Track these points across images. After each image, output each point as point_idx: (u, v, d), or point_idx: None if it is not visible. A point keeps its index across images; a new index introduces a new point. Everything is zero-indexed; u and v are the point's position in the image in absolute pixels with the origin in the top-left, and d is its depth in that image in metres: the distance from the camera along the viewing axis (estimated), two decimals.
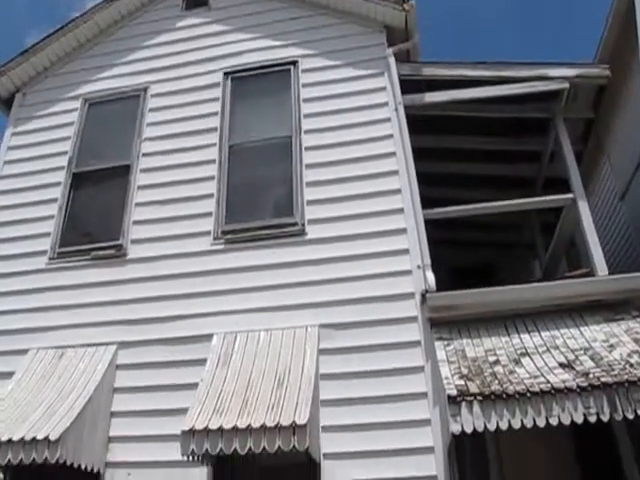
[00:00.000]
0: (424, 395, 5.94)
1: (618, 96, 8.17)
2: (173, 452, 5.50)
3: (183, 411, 5.63)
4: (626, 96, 8.09)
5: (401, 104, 7.42)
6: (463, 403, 5.03)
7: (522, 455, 5.91)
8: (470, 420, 4.97)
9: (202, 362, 6.22)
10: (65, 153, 8.16)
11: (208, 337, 6.48)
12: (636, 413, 4.91)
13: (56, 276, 7.33)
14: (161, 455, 6.08)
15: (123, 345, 6.77)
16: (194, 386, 5.95)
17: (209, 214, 7.20)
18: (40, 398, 6.28)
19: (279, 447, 5.12)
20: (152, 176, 7.69)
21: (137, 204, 7.55)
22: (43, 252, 7.51)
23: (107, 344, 6.80)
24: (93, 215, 7.86)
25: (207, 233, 7.10)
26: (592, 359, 5.49)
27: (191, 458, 5.41)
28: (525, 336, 6.03)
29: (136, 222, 7.43)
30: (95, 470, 6.16)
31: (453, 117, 8.34)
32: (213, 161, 7.56)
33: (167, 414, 6.18)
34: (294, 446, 5.11)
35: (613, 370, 5.22)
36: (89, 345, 6.83)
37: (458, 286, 6.36)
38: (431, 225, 6.88)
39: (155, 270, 7.05)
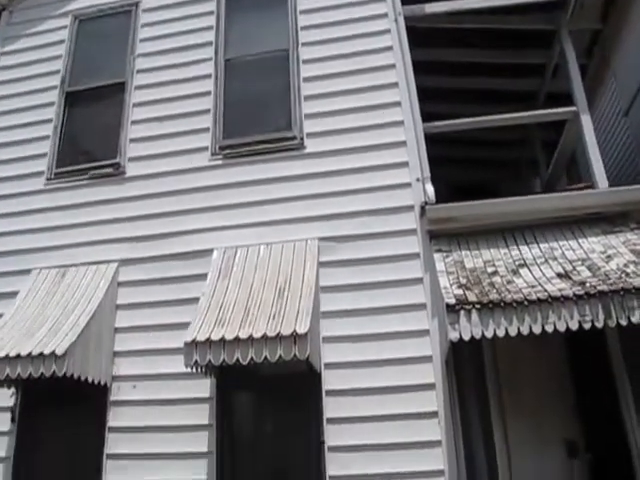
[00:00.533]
0: (423, 306, 6.04)
1: (629, 6, 7.91)
2: (177, 365, 5.64)
3: (185, 325, 5.72)
4: (637, 7, 7.84)
5: (401, 15, 7.23)
6: (461, 312, 5.09)
7: (517, 364, 6.01)
8: (468, 328, 5.04)
9: (203, 277, 6.28)
10: (57, 72, 7.98)
11: (208, 252, 6.52)
12: (629, 320, 4.99)
13: (55, 196, 7.31)
14: (165, 368, 6.23)
15: (124, 262, 6.81)
16: (196, 301, 6.03)
17: (206, 130, 7.12)
18: (45, 316, 6.37)
19: (280, 356, 5.23)
20: (147, 93, 7.55)
21: (133, 122, 7.44)
22: (40, 173, 7.46)
23: (108, 262, 6.84)
24: (89, 134, 7.75)
25: (205, 149, 7.04)
26: (589, 269, 5.54)
27: (194, 369, 5.53)
28: (524, 248, 6.06)
29: (133, 140, 7.35)
30: (102, 383, 6.32)
31: (454, 29, 8.12)
32: (209, 76, 7.42)
33: (170, 328, 6.28)
34: (295, 355, 5.21)
35: (609, 279, 5.27)
36: (91, 263, 6.88)
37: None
38: (431, 143, 6.80)
39: (154, 187, 7.02)
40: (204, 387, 6.14)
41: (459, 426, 5.81)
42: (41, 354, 5.71)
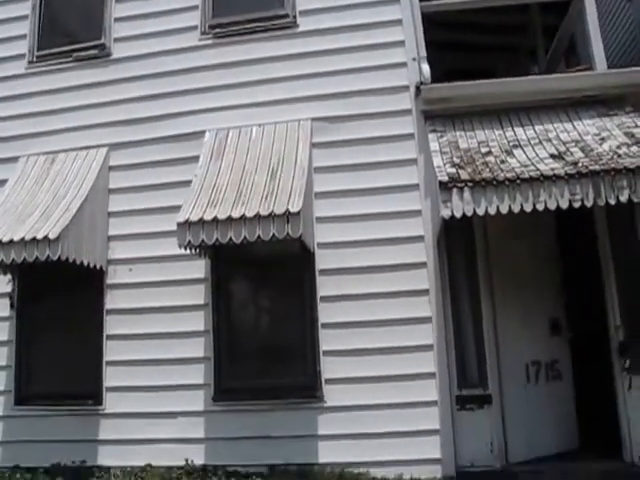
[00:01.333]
0: (416, 187, 6.09)
1: None
2: (172, 247, 5.68)
3: (179, 208, 5.70)
4: None
5: None
6: (454, 189, 5.11)
7: (507, 245, 6.09)
8: (460, 206, 5.08)
9: (195, 159, 6.25)
10: None
11: (200, 134, 6.46)
12: (618, 200, 5.05)
13: (38, 81, 7.11)
14: (160, 250, 6.30)
15: (114, 146, 6.74)
16: (188, 183, 6.02)
17: (195, 8, 6.86)
18: (36, 202, 6.35)
19: (273, 235, 5.28)
20: None
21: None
22: (21, 56, 7.22)
23: (98, 146, 6.77)
24: (71, 14, 7.42)
25: (194, 28, 6.82)
26: (582, 150, 5.54)
27: (188, 250, 5.60)
28: (518, 129, 6.02)
29: (118, 19, 7.08)
30: (98, 267, 6.40)
31: None
32: None
33: (163, 211, 6.28)
34: (288, 234, 5.27)
35: (601, 160, 5.29)
36: (80, 149, 6.80)
37: None
38: (430, 25, 6.61)
39: (141, 69, 6.84)
40: (199, 268, 6.25)
41: (449, 303, 5.98)
42: (34, 239, 5.73)
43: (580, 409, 6.39)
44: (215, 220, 5.38)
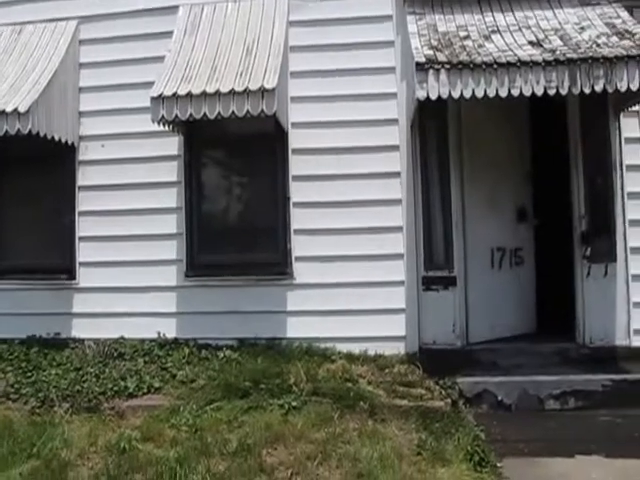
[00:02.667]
0: (392, 70, 6.06)
1: None
2: (145, 124, 5.59)
3: (152, 84, 5.52)
4: None
5: None
6: (430, 70, 5.08)
7: (480, 131, 6.12)
8: (436, 87, 5.07)
9: (169, 35, 6.09)
10: None
11: (174, 9, 6.27)
12: (593, 89, 5.07)
13: None
14: (133, 127, 6.22)
15: (84, 19, 6.52)
16: (161, 59, 5.87)
17: None
18: (4, 74, 6.17)
19: (248, 111, 5.25)
20: None
21: None
22: None
23: (67, 19, 6.54)
24: None
25: None
26: (561, 39, 5.51)
27: (161, 125, 5.56)
28: (498, 15, 5.94)
29: None
30: (69, 143, 6.34)
31: None
32: None
33: (136, 87, 6.13)
34: (262, 110, 5.24)
35: (580, 48, 5.26)
36: (48, 21, 6.56)
37: None
38: None
39: None
40: (172, 145, 6.23)
41: (419, 186, 6.08)
42: (3, 112, 5.61)
43: (540, 295, 6.67)
44: (189, 95, 5.31)
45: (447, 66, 5.10)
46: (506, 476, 4.17)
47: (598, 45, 5.31)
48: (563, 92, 5.11)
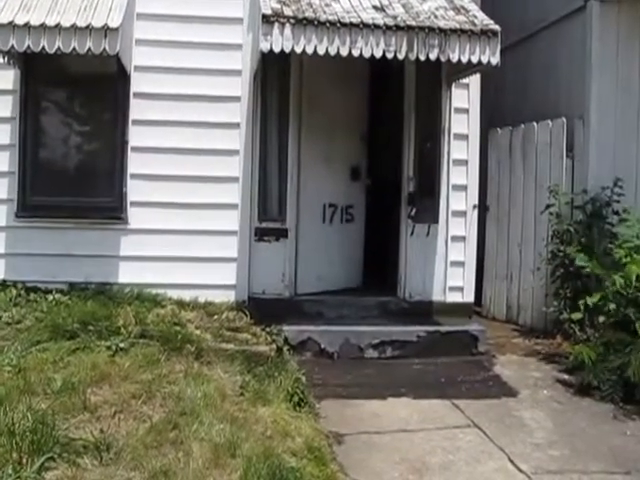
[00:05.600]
0: (240, 20, 6.06)
1: None
2: None
3: None
4: None
5: None
6: (276, 24, 5.14)
7: (322, 90, 6.27)
8: (280, 40, 5.13)
9: None
10: None
11: None
12: (428, 57, 5.37)
13: None
14: None
15: None
16: None
17: None
18: None
19: (90, 49, 5.03)
20: None
21: None
22: None
23: None
24: None
25: None
26: (404, 7, 5.74)
27: None
28: None
29: None
30: None
31: None
32: None
33: None
34: (105, 49, 5.04)
35: (419, 17, 5.54)
36: None
37: None
38: None
39: None
40: (7, 79, 5.84)
41: (257, 138, 6.16)
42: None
43: (368, 251, 7.02)
44: (27, 25, 4.99)
45: (292, 21, 5.18)
46: (323, 415, 4.44)
47: (436, 17, 5.61)
48: (400, 57, 5.35)
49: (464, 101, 6.51)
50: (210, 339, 5.05)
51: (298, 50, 5.18)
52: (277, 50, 5.14)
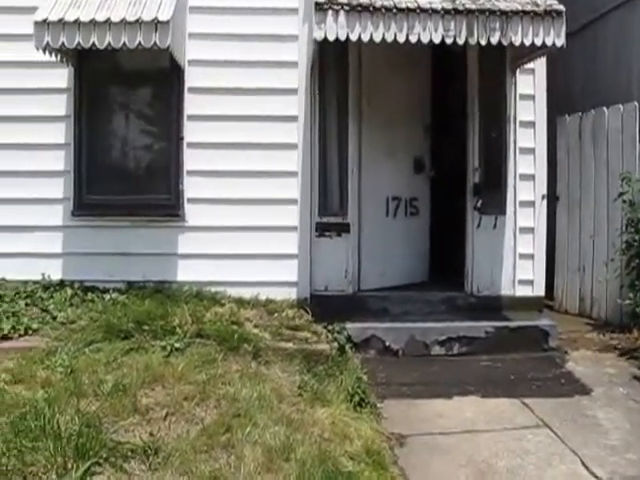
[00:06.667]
0: (295, 11, 5.92)
1: None
2: (30, 52, 5.22)
3: (35, 10, 5.19)
4: None
5: None
6: (329, 11, 4.99)
7: (381, 78, 6.06)
8: (334, 28, 4.99)
9: None
10: None
11: None
12: (489, 41, 5.12)
13: None
14: (16, 55, 5.75)
15: None
16: None
17: None
18: None
19: (140, 43, 5.00)
20: None
21: None
22: None
23: None
24: None
25: None
26: None
27: (47, 53, 5.24)
28: None
29: None
30: None
31: None
32: None
33: (19, 12, 5.63)
34: (155, 43, 5.00)
35: (478, 0, 5.29)
36: None
37: None
38: None
39: None
40: (61, 77, 5.86)
41: (317, 131, 6.01)
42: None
43: (433, 245, 6.79)
44: (77, 22, 4.99)
45: (346, 7, 5.04)
46: (385, 416, 4.28)
47: None
48: (460, 42, 5.16)
49: (529, 87, 6.21)
50: (268, 338, 4.93)
51: (353, 38, 5.02)
52: (331, 38, 5.00)
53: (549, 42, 5.07)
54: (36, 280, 5.80)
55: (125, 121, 6.12)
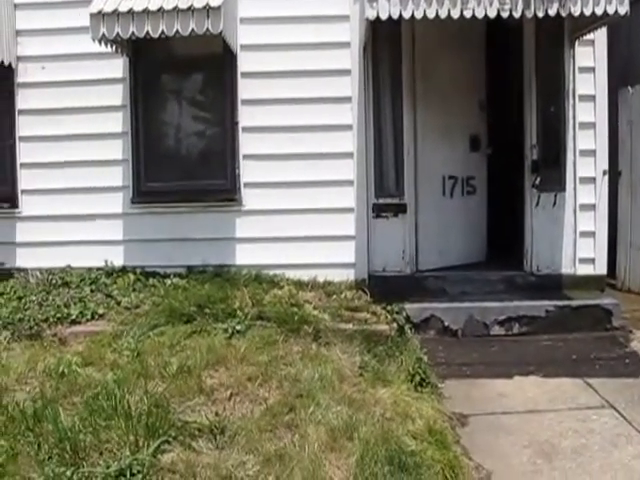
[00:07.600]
0: None
1: None
2: (87, 44, 5.35)
3: (89, 3, 5.27)
4: None
5: None
6: None
7: (434, 56, 5.98)
8: (387, 7, 4.92)
9: None
10: None
11: None
12: (547, 13, 4.96)
13: None
14: (75, 47, 5.86)
15: None
16: None
17: None
18: None
19: (193, 30, 5.07)
20: None
21: None
22: None
23: None
24: None
25: None
26: None
27: (102, 44, 5.35)
28: None
29: None
30: (7, 64, 6.01)
31: None
32: None
33: (76, 5, 5.74)
34: (207, 29, 5.06)
35: None
36: None
37: None
38: None
39: None
40: (117, 67, 5.99)
41: (371, 112, 5.98)
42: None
43: (491, 223, 6.69)
44: (131, 12, 5.10)
45: None
46: (446, 396, 4.25)
47: None
48: (516, 15, 5.01)
49: (589, 59, 6.00)
50: (328, 319, 4.95)
51: (406, 16, 4.94)
52: (384, 17, 4.93)
53: (611, 10, 4.85)
54: (99, 267, 5.98)
55: (180, 108, 6.21)
